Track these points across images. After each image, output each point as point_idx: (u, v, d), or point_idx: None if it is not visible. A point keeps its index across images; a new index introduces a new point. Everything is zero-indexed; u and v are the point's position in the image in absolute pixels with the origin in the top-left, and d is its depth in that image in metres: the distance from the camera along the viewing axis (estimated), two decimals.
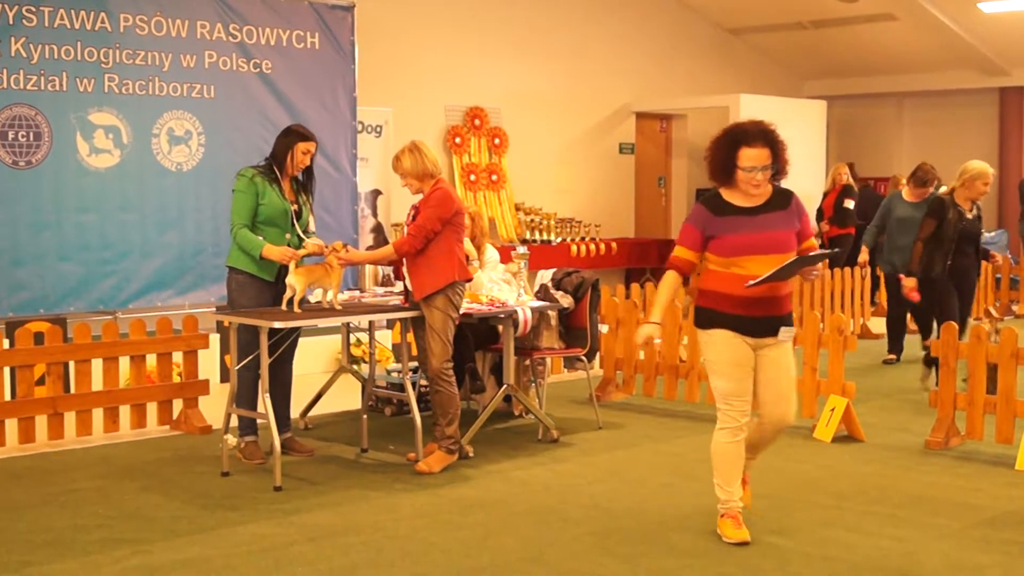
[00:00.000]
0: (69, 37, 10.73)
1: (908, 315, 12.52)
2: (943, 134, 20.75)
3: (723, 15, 19.42)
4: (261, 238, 7.92)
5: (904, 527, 6.63)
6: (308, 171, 8.29)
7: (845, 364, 9.14)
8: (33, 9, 10.50)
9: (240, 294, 8.04)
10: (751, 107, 17.24)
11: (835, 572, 5.91)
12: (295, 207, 8.12)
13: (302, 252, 7.89)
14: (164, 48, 11.32)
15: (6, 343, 8.73)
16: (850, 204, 16.14)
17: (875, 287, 15.24)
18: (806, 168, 17.46)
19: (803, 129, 17.94)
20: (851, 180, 16.47)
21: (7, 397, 8.66)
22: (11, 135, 10.46)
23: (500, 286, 9.05)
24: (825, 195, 16.49)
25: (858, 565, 6.01)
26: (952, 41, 18.55)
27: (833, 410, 8.77)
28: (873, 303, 15.19)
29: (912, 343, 12.45)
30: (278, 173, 8.08)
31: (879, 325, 14.12)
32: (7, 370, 8.65)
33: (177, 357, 9.28)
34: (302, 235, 8.11)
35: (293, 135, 8.14)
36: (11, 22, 10.38)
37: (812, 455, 8.35)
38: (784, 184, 6.43)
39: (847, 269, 14.44)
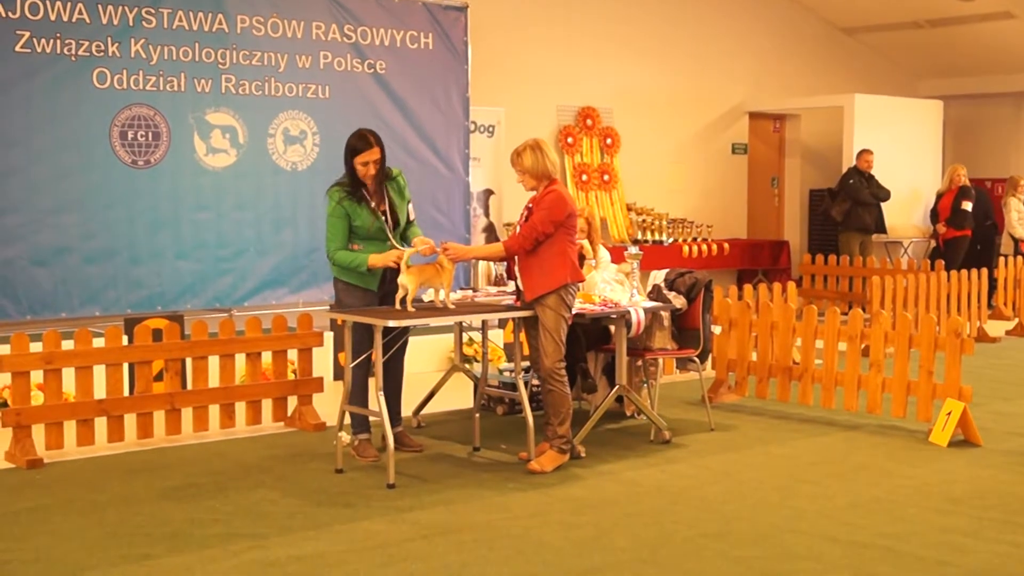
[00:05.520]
0: (187, 38, 10.91)
1: None
2: None
3: (837, 14, 19.22)
4: (359, 248, 7.95)
5: (1022, 533, 6.52)
6: (381, 176, 8.11)
7: (962, 367, 9.00)
8: (152, 11, 10.71)
9: (347, 295, 8.11)
10: (866, 107, 17.09)
11: None
12: (384, 212, 8.05)
13: (409, 251, 7.84)
14: (280, 49, 11.47)
15: (125, 339, 8.87)
16: (967, 206, 15.92)
17: (992, 289, 14.96)
18: (922, 169, 17.25)
19: (919, 129, 17.75)
20: (968, 181, 16.24)
21: (126, 393, 8.81)
22: (130, 135, 10.66)
23: (613, 286, 9.04)
24: (940, 196, 16.26)
25: (975, 571, 5.92)
26: None
27: (949, 414, 8.64)
28: (990, 306, 14.88)
29: None
30: (358, 188, 8.05)
31: (996, 328, 13.88)
32: (126, 366, 8.79)
33: (292, 354, 9.37)
34: (402, 240, 8.09)
35: (347, 150, 8.04)
36: (131, 23, 10.58)
37: (928, 459, 8.23)
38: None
39: (963, 272, 13.86)
